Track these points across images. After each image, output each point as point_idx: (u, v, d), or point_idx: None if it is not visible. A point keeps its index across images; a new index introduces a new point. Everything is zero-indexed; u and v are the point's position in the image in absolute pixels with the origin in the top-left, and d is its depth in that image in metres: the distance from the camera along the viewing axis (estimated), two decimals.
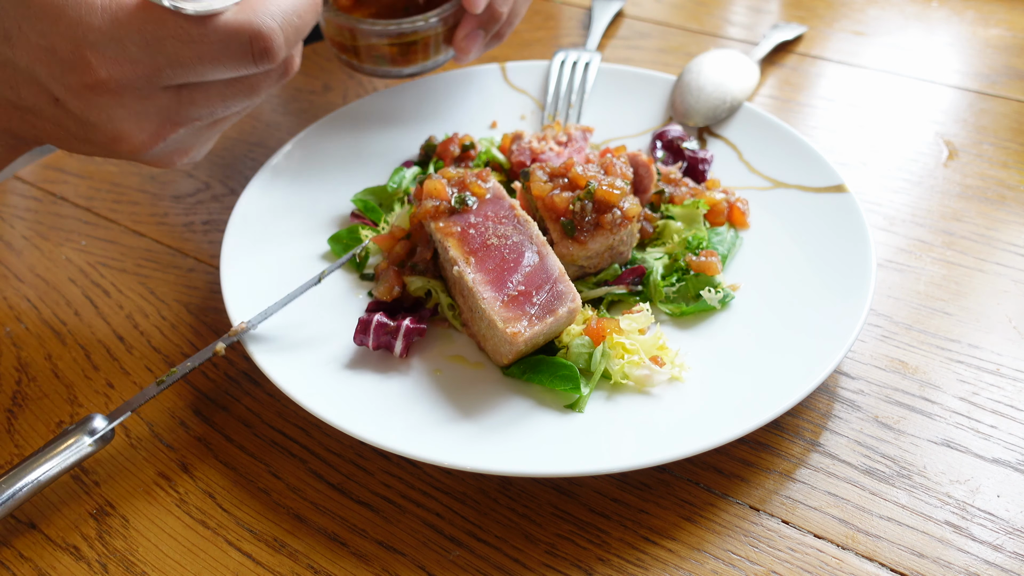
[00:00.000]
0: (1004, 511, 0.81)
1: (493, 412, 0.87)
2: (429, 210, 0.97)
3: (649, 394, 0.88)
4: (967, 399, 0.91)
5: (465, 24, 1.12)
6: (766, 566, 0.77)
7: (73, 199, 1.27)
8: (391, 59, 1.17)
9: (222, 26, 0.70)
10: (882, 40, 1.54)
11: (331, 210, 1.13)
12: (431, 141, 1.20)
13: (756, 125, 1.20)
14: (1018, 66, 1.44)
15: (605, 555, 0.79)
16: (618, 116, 1.26)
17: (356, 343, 0.93)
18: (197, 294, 1.09)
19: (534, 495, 0.84)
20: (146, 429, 0.93)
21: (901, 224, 1.14)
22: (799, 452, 0.87)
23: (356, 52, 1.18)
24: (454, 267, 0.93)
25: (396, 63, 1.18)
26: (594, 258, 0.99)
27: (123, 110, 0.72)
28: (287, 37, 0.73)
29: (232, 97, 0.77)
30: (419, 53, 1.17)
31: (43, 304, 1.09)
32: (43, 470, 0.81)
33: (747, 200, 1.09)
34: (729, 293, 0.97)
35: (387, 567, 0.79)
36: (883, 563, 0.77)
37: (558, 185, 0.99)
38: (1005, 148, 1.26)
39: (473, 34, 1.12)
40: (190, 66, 0.71)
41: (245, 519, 0.84)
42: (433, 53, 1.18)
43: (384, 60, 1.17)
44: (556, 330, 0.91)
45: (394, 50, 1.16)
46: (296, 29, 0.75)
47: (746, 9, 1.67)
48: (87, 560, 0.81)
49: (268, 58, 0.72)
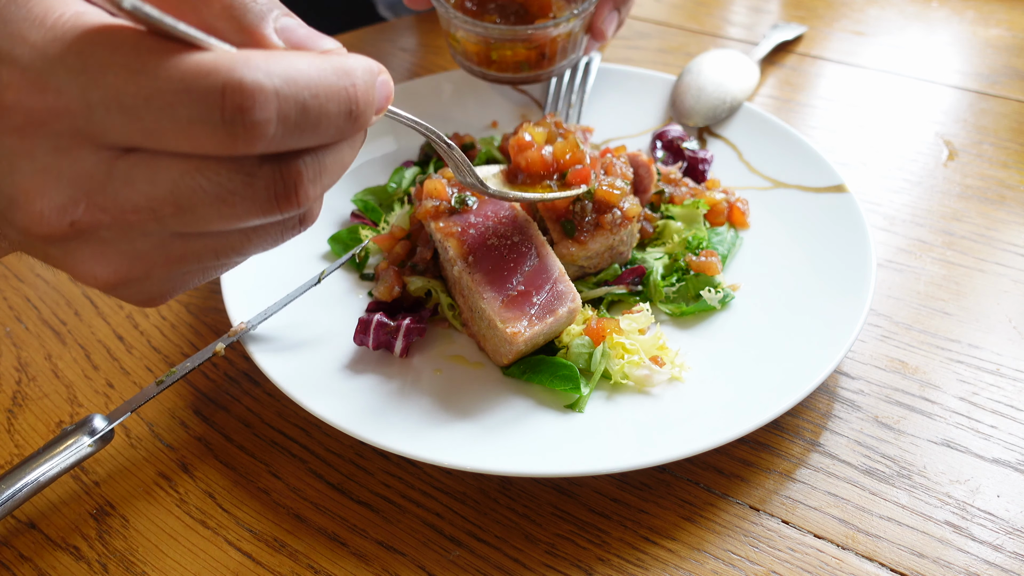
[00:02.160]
0: (1004, 511, 0.81)
1: (493, 412, 0.87)
2: (429, 210, 0.97)
3: (649, 394, 0.88)
4: (967, 399, 0.91)
5: (602, 7, 1.13)
6: (766, 566, 0.77)
7: None
8: (532, 63, 1.13)
9: (190, 63, 0.47)
10: (882, 40, 1.54)
11: (331, 210, 1.13)
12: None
13: (756, 125, 1.20)
14: (1018, 66, 1.44)
15: (605, 555, 0.79)
16: (618, 116, 1.26)
17: (356, 343, 0.93)
18: (197, 294, 1.09)
19: (534, 495, 0.84)
20: (146, 429, 0.93)
21: (901, 224, 1.14)
22: (799, 452, 0.87)
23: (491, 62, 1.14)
24: (454, 267, 0.93)
25: (537, 66, 1.14)
26: (594, 258, 0.99)
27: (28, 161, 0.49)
28: (281, 109, 0.48)
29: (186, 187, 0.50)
30: (559, 54, 1.14)
31: (43, 304, 1.09)
32: (43, 470, 0.80)
33: (747, 200, 1.09)
34: (729, 293, 0.98)
35: (387, 567, 0.79)
36: (883, 563, 0.77)
37: None
38: (1005, 148, 1.26)
39: (610, 16, 1.13)
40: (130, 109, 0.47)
41: (245, 519, 0.84)
42: (571, 51, 1.15)
43: (526, 66, 1.14)
44: (556, 330, 0.91)
45: (533, 54, 1.13)
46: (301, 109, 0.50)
47: (746, 9, 1.67)
48: (87, 560, 0.81)
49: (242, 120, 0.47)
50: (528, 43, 1.11)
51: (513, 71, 1.14)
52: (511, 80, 1.17)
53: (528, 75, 1.15)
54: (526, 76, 1.15)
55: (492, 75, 1.15)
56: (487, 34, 1.10)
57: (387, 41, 1.59)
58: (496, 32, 1.09)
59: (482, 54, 1.14)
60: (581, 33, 1.14)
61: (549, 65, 1.15)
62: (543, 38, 1.10)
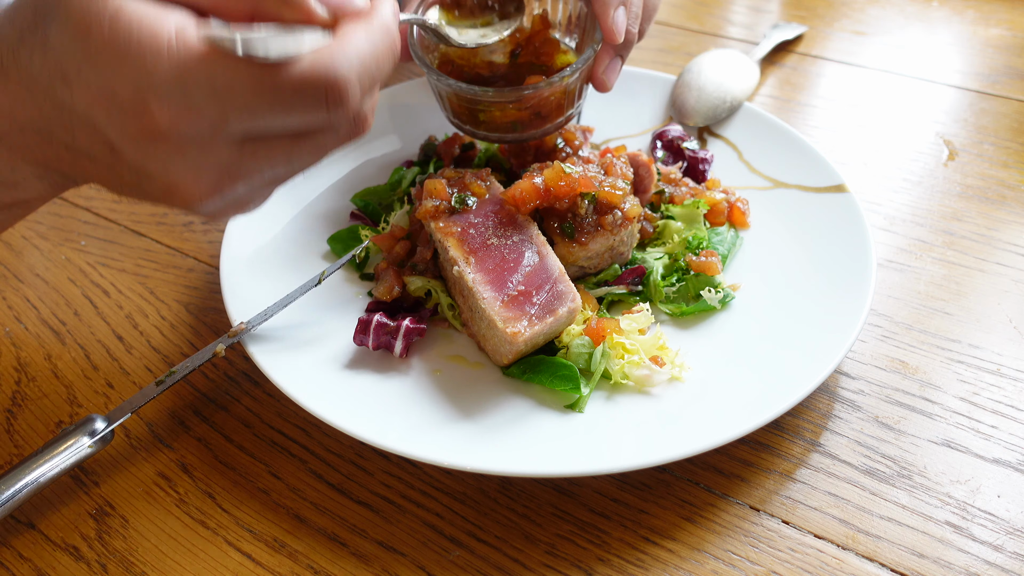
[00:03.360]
0: (1004, 511, 0.80)
1: (493, 412, 0.87)
2: (429, 210, 0.97)
3: (649, 394, 0.88)
4: (967, 399, 0.91)
5: (603, 56, 1.02)
6: (766, 566, 0.77)
7: (72, 199, 1.27)
8: (525, 123, 1.02)
9: (297, 75, 0.63)
10: (882, 40, 1.54)
11: (331, 210, 1.13)
12: (431, 141, 1.20)
13: (756, 125, 1.20)
14: (1018, 66, 1.44)
15: (605, 555, 0.79)
16: (618, 116, 1.26)
17: (356, 343, 0.93)
18: (197, 294, 1.09)
19: (534, 495, 0.84)
20: (146, 429, 0.93)
21: (901, 224, 1.14)
22: (799, 452, 0.87)
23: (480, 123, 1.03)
24: (454, 267, 0.93)
25: (531, 126, 1.03)
26: (594, 259, 0.99)
27: (182, 161, 0.66)
28: (363, 86, 0.66)
29: (297, 154, 0.71)
30: (554, 112, 1.03)
31: (42, 304, 1.09)
32: (43, 471, 0.80)
33: (747, 200, 1.09)
34: (729, 293, 0.97)
35: (387, 567, 0.79)
36: (883, 563, 0.77)
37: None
38: (1005, 148, 1.26)
39: (612, 64, 1.03)
40: (259, 116, 0.64)
41: (245, 519, 0.84)
42: (568, 107, 1.03)
43: (518, 125, 1.03)
44: (556, 330, 0.91)
45: (525, 114, 1.02)
46: (372, 78, 0.67)
47: (746, 9, 1.67)
48: (87, 560, 0.81)
49: (342, 109, 0.65)
50: (519, 105, 1.00)
51: (505, 131, 1.04)
52: (501, 140, 1.06)
53: (521, 135, 1.05)
54: (518, 136, 1.05)
55: (482, 134, 1.05)
56: (472, 96, 1.00)
57: None
58: (484, 95, 0.99)
59: (469, 114, 1.04)
60: (580, 84, 1.02)
61: (543, 124, 1.04)
62: (535, 99, 1.00)
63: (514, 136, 1.05)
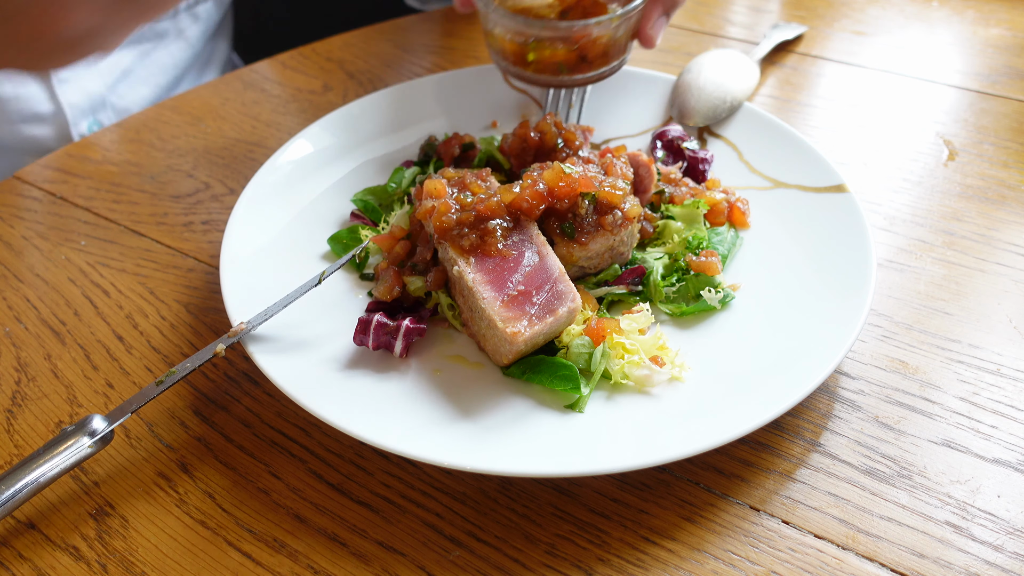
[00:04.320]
0: (1004, 511, 0.80)
1: (493, 412, 0.87)
2: (429, 210, 0.97)
3: (649, 394, 0.88)
4: (967, 399, 0.91)
5: (650, 12, 1.06)
6: (766, 566, 0.77)
7: (72, 199, 1.27)
8: (571, 66, 1.06)
9: None
10: (882, 40, 1.54)
11: (331, 210, 1.13)
12: (431, 141, 1.20)
13: (756, 125, 1.20)
14: (1018, 66, 1.44)
15: (605, 555, 0.79)
16: (618, 116, 1.26)
17: (356, 343, 0.93)
18: (197, 294, 1.09)
19: (534, 495, 0.84)
20: (146, 429, 0.93)
21: (901, 224, 1.14)
22: (799, 452, 0.87)
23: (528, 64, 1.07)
24: (454, 267, 0.93)
25: (576, 69, 1.07)
26: (594, 259, 0.99)
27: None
28: None
29: None
30: (599, 57, 1.07)
31: (42, 304, 1.09)
32: (43, 471, 0.80)
33: (747, 200, 1.09)
34: (729, 293, 0.97)
35: (387, 567, 0.79)
36: (883, 563, 0.77)
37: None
38: (1005, 148, 1.26)
39: (659, 21, 1.07)
40: None
41: (245, 519, 0.84)
42: (614, 56, 1.08)
43: (564, 68, 1.07)
44: (556, 330, 0.91)
45: (572, 56, 1.05)
46: None
47: (746, 9, 1.67)
48: (87, 560, 0.81)
49: None
50: (568, 42, 1.04)
51: (551, 73, 1.08)
52: (547, 83, 1.10)
53: (566, 79, 1.09)
54: (563, 80, 1.09)
55: (529, 76, 1.09)
56: (525, 29, 1.04)
57: (388, 41, 1.59)
58: (535, 27, 1.04)
59: (519, 53, 1.08)
60: (626, 38, 1.07)
61: (589, 69, 1.09)
62: (583, 37, 1.04)
63: (559, 80, 1.07)
